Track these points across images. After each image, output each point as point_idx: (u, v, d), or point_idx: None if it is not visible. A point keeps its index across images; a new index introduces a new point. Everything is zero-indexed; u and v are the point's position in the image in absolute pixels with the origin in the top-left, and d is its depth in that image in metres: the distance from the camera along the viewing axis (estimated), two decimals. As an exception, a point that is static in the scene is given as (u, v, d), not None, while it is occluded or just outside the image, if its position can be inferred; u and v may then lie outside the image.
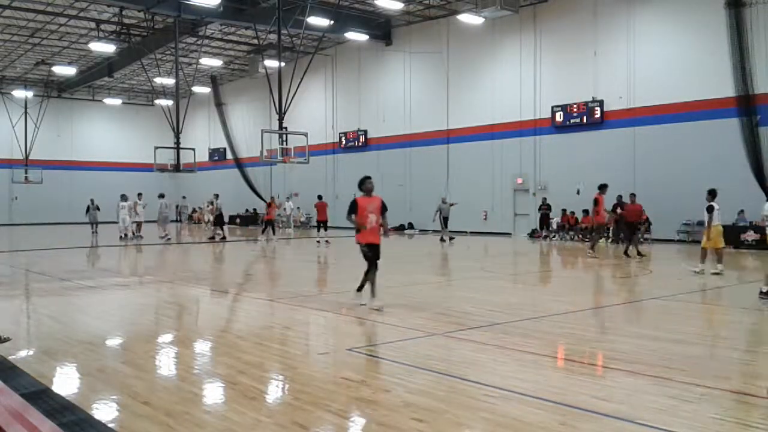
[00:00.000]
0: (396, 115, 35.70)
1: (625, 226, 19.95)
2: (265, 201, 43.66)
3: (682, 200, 24.11)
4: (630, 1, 26.29)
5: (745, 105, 22.43)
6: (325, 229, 25.88)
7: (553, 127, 29.06)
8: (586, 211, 26.94)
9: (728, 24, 22.42)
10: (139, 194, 28.97)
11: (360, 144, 38.15)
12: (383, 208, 10.06)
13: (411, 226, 34.95)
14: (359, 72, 38.26)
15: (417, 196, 34.34)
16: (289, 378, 6.25)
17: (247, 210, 46.19)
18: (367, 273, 9.81)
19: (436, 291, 12.37)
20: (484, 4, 27.23)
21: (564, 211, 27.96)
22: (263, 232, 27.27)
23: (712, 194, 14.43)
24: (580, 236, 26.97)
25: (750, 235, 21.76)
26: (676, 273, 14.74)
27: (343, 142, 39.14)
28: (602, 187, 18.87)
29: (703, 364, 6.80)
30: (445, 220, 26.92)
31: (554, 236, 27.94)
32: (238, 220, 45.62)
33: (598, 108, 27.44)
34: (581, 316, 9.49)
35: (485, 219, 31.53)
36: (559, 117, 28.72)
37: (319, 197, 27.87)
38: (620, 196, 24.93)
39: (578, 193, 27.71)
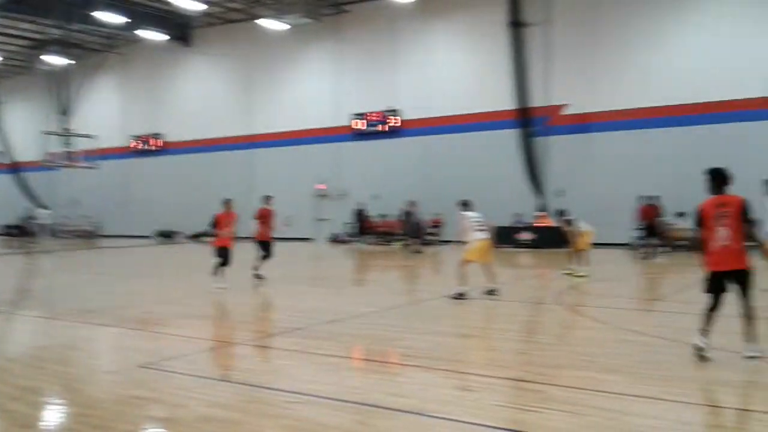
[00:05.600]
0: (197, 118, 34.44)
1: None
2: (45, 208, 39.72)
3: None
4: (426, 16, 27.82)
5: (522, 118, 24.74)
6: None
7: (353, 134, 29.87)
8: (383, 215, 27.93)
9: (510, 42, 24.57)
10: None
11: (157, 148, 36.32)
12: (745, 216, 6.55)
13: (210, 233, 33.82)
14: (156, 73, 36.40)
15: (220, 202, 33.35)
16: (72, 401, 5.74)
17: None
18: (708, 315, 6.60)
19: (235, 299, 12.09)
20: (286, 11, 27.32)
21: (362, 215, 28.76)
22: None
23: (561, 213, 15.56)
24: (380, 241, 27.94)
25: (525, 236, 23.94)
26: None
27: (139, 146, 36.99)
28: None
29: (486, 356, 7.36)
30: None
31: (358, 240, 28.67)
32: (16, 231, 40.93)
33: (396, 117, 28.70)
34: (378, 316, 9.81)
35: (287, 225, 31.47)
36: (360, 125, 29.60)
37: None
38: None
39: (377, 198, 28.72)
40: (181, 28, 33.90)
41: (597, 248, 16.04)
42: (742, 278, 6.51)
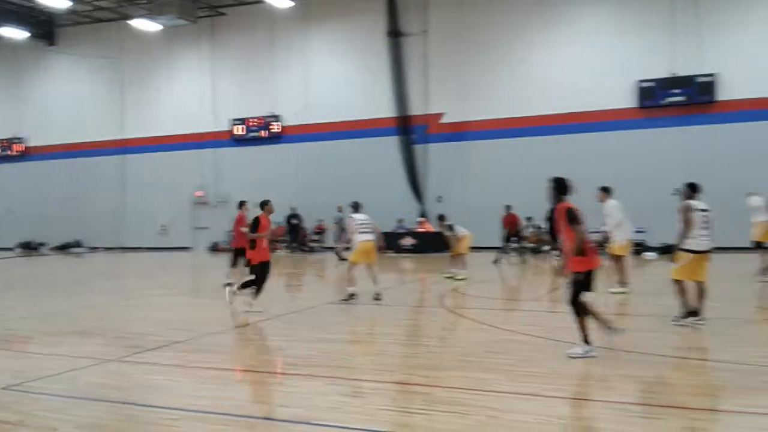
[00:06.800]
0: (63, 122, 32.34)
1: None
2: None
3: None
4: (305, 23, 27.73)
5: (402, 125, 25.21)
6: None
7: (233, 140, 29.26)
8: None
9: (389, 51, 24.97)
10: None
11: (17, 153, 33.83)
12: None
13: (79, 243, 31.97)
14: (18, 73, 33.90)
15: (89, 211, 31.59)
16: None
17: None
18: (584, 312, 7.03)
19: (111, 313, 11.48)
20: (159, 11, 26.35)
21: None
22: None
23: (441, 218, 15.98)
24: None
25: (408, 241, 24.40)
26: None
27: (-2, 151, 34.33)
28: None
29: (372, 361, 7.41)
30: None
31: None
32: None
33: (277, 123, 28.40)
34: (263, 325, 9.65)
35: (163, 233, 30.34)
36: (239, 130, 29.04)
37: None
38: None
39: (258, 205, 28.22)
40: (45, 26, 31.81)
41: (474, 252, 16.61)
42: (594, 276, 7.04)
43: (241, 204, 13.30)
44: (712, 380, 6.30)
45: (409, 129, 25.25)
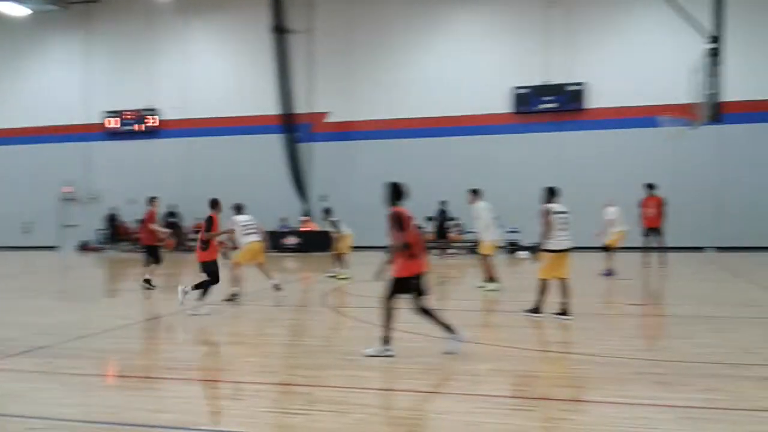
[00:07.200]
0: None
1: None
2: None
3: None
4: (185, 15, 26.80)
5: (287, 123, 24.95)
6: None
7: (106, 133, 27.81)
8: (139, 221, 26.42)
9: (273, 47, 24.63)
10: None
11: None
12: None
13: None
14: None
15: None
16: None
17: None
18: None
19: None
20: (27, -6, 24.73)
21: (116, 220, 26.95)
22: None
23: (327, 212, 15.80)
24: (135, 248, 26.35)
25: (291, 240, 24.21)
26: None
27: None
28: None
29: (254, 362, 7.29)
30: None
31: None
32: None
33: (153, 116, 27.29)
34: (136, 329, 9.24)
35: (26, 232, 28.36)
36: (113, 123, 27.66)
37: None
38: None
39: (133, 202, 27.04)
40: None
41: (360, 251, 16.74)
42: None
43: (152, 200, 13.47)
44: (579, 372, 6.69)
45: (294, 127, 25.00)
